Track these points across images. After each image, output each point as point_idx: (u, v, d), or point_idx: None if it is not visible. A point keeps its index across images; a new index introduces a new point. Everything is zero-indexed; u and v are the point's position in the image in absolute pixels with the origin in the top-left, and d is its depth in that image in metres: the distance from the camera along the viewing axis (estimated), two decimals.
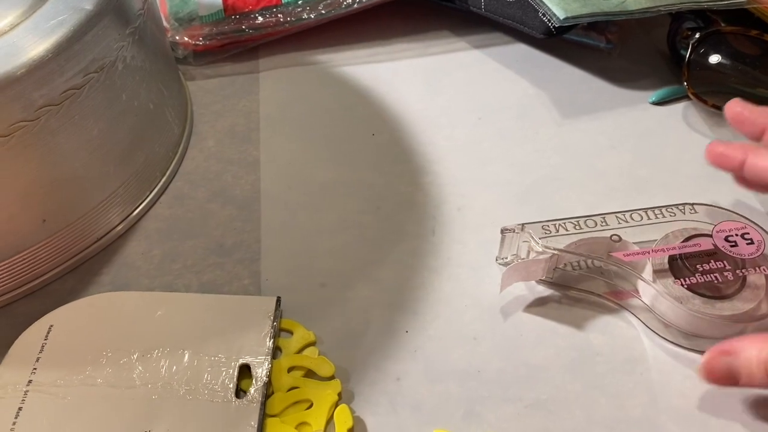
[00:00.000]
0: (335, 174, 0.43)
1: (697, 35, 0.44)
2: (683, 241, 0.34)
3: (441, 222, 0.40)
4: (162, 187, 0.41)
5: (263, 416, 0.31)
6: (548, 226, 0.35)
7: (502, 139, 0.44)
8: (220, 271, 0.37)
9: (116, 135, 0.37)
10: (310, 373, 0.33)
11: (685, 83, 0.45)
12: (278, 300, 0.35)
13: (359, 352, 0.34)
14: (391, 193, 0.42)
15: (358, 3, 0.49)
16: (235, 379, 0.31)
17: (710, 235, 0.34)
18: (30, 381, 0.32)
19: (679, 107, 0.46)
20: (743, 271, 0.33)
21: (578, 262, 0.36)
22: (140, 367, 0.32)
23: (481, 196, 0.41)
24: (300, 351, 0.34)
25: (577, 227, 0.35)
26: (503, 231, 0.36)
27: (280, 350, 0.34)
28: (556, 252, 0.34)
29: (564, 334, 0.34)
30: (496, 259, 0.37)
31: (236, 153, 0.44)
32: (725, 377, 0.29)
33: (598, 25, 0.49)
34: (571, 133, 0.45)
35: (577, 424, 0.31)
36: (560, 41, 0.50)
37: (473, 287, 0.37)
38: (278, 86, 0.49)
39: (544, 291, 0.36)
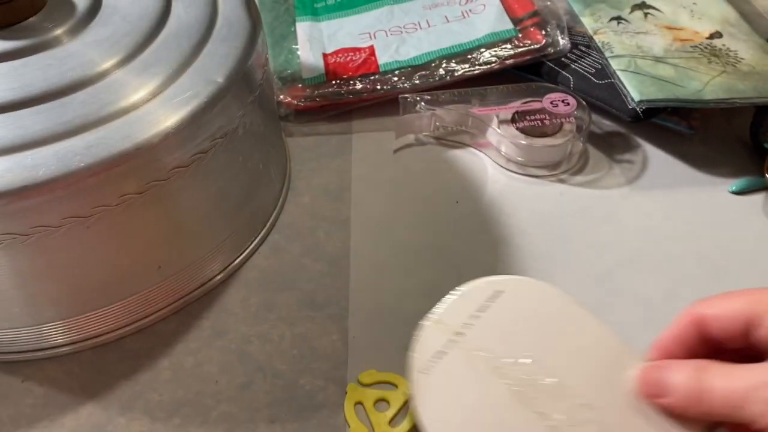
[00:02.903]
0: (421, 237, 0.45)
1: None
2: (522, 104, 0.50)
3: None
4: (261, 238, 0.44)
5: None
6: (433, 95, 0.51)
7: (583, 216, 0.46)
8: (311, 324, 0.40)
9: (231, 192, 0.40)
10: None
11: (767, 176, 0.46)
12: None
13: None
14: (473, 261, 0.44)
15: (450, 76, 0.52)
16: None
17: (541, 101, 0.49)
18: (459, 332, 0.32)
19: (759, 198, 0.47)
20: (561, 120, 0.49)
21: (452, 127, 0.52)
22: (555, 405, 0.30)
23: (561, 272, 0.43)
24: (405, 404, 0.36)
25: (453, 95, 0.51)
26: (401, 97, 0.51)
27: (388, 403, 0.36)
28: (434, 110, 0.50)
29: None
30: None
31: (329, 210, 0.47)
32: (654, 391, 0.29)
33: (681, 110, 0.51)
34: (651, 215, 0.46)
35: None
36: (644, 122, 0.51)
37: None
38: (370, 148, 0.52)
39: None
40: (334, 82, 0.52)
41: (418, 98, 0.51)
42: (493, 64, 0.52)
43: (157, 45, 0.38)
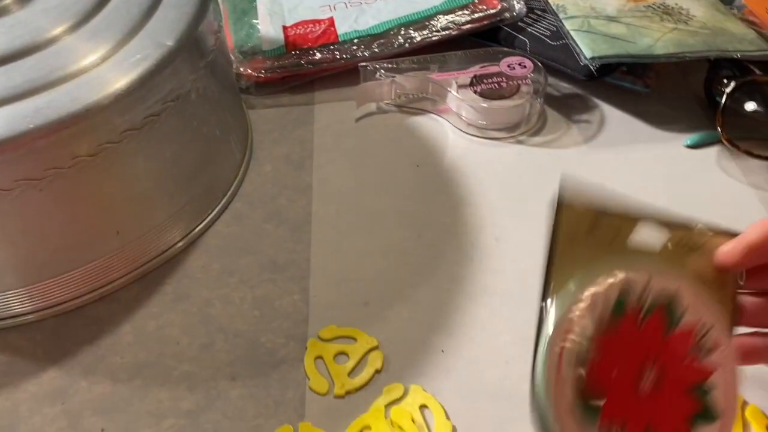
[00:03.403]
0: (381, 201, 0.46)
1: (733, 83, 0.46)
2: (480, 68, 0.51)
3: (479, 250, 0.42)
4: (222, 206, 0.45)
5: None
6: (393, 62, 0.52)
7: (541, 175, 0.47)
8: (272, 286, 0.41)
9: (186, 158, 0.41)
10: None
11: (719, 129, 0.47)
12: None
13: (398, 367, 0.36)
14: (432, 221, 0.44)
15: (408, 43, 0.52)
16: None
17: (498, 65, 0.50)
18: None
19: (712, 151, 0.48)
20: (518, 81, 0.49)
21: (413, 94, 0.52)
22: None
23: (519, 228, 0.43)
24: (364, 356, 0.37)
25: (412, 62, 0.52)
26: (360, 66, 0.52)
27: (348, 356, 0.37)
28: (394, 77, 0.51)
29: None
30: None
31: (291, 178, 0.47)
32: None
33: (637, 69, 0.52)
34: (607, 171, 0.47)
35: None
36: (600, 83, 0.52)
37: (508, 314, 0.39)
38: (331, 118, 0.52)
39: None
40: (293, 52, 0.53)
41: (377, 66, 0.51)
42: (450, 30, 0.52)
43: (108, 11, 0.38)
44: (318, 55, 0.52)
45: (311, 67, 0.52)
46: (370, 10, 0.55)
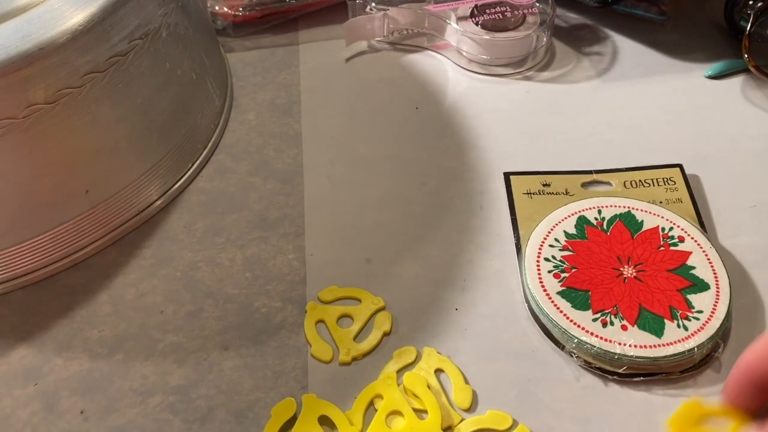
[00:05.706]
0: (379, 148, 0.42)
1: (760, 4, 0.42)
2: None
3: (489, 197, 0.39)
4: (203, 159, 0.41)
5: None
6: None
7: (553, 113, 0.43)
8: (264, 245, 0.37)
9: (159, 104, 0.36)
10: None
11: (746, 56, 0.43)
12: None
13: (408, 329, 0.33)
14: (436, 167, 0.40)
15: None
16: None
17: None
18: None
19: (737, 81, 0.44)
20: (523, 11, 0.45)
21: (408, 29, 0.48)
22: None
23: (533, 169, 0.40)
24: (371, 318, 0.33)
25: None
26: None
27: (352, 318, 0.33)
28: (386, 10, 0.46)
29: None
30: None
31: (277, 126, 0.43)
32: None
33: None
34: (625, 108, 0.43)
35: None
36: (612, 13, 0.48)
37: None
38: (319, 58, 0.48)
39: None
40: None
41: None
42: None
43: None
44: None
45: (294, 3, 0.48)
46: None
